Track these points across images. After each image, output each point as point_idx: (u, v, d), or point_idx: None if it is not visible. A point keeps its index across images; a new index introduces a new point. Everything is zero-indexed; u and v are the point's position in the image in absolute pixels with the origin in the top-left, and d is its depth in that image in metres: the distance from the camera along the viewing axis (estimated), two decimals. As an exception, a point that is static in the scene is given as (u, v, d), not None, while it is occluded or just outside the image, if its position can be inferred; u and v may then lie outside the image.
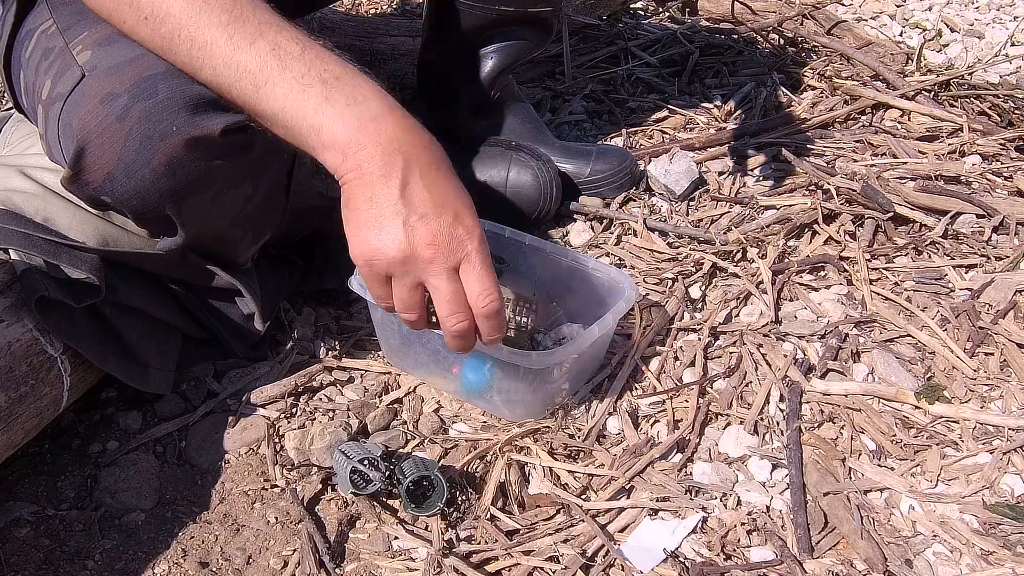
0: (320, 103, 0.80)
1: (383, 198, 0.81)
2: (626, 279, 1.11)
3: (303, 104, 0.80)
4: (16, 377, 0.91)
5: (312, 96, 0.80)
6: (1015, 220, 1.36)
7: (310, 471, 1.02)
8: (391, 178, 0.81)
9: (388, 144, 0.81)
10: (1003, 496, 0.97)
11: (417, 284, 0.84)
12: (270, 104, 0.82)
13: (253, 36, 0.81)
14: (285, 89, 0.81)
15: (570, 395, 1.08)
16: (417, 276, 0.84)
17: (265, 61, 0.81)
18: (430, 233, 0.81)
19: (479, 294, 0.84)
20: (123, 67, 0.88)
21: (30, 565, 0.91)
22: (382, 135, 0.81)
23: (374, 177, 0.81)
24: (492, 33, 1.40)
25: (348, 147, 0.81)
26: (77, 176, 0.90)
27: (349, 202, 0.83)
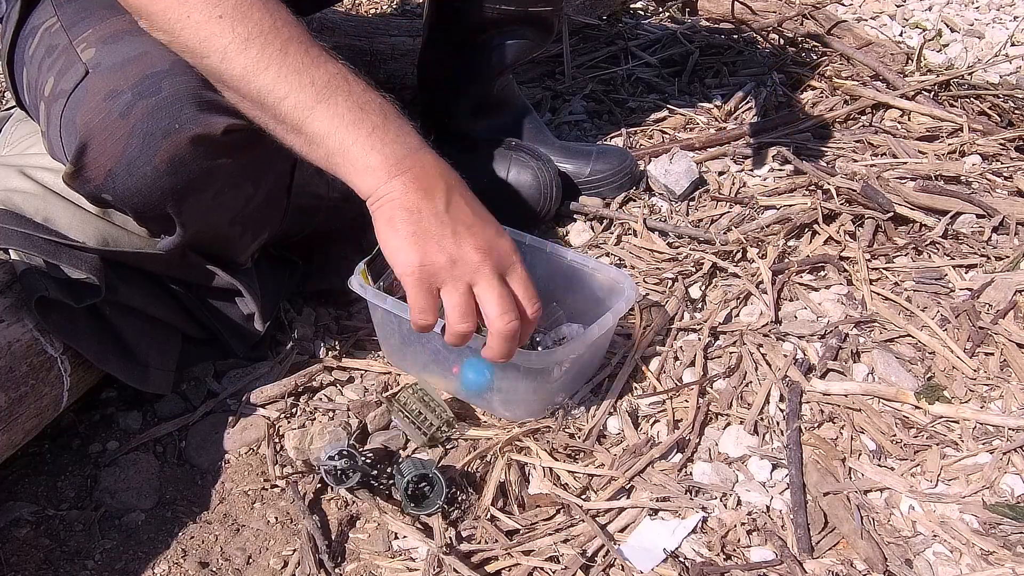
0: (373, 130, 0.84)
1: (429, 212, 0.84)
2: (626, 279, 1.11)
3: (360, 127, 0.84)
4: (16, 377, 0.91)
5: (367, 123, 0.84)
6: (1015, 220, 1.36)
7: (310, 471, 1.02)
8: (435, 195, 0.85)
9: (429, 169, 0.86)
10: (1003, 496, 0.97)
11: (469, 288, 0.86)
12: (324, 122, 0.84)
13: (325, 59, 0.85)
14: (344, 110, 0.84)
15: (569, 395, 1.08)
16: (468, 280, 0.86)
17: (333, 80, 0.85)
18: (479, 240, 0.85)
19: (529, 299, 0.89)
20: (127, 64, 0.89)
21: (30, 565, 0.91)
22: (425, 162, 0.86)
23: (419, 195, 0.84)
24: (492, 33, 1.40)
25: (393, 170, 0.84)
26: (79, 173, 0.90)
27: (392, 219, 0.84)
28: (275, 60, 0.83)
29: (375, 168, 0.84)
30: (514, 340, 0.88)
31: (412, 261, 0.84)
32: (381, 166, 0.84)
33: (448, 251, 0.84)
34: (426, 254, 0.84)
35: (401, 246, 0.84)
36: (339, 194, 1.20)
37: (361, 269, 1.07)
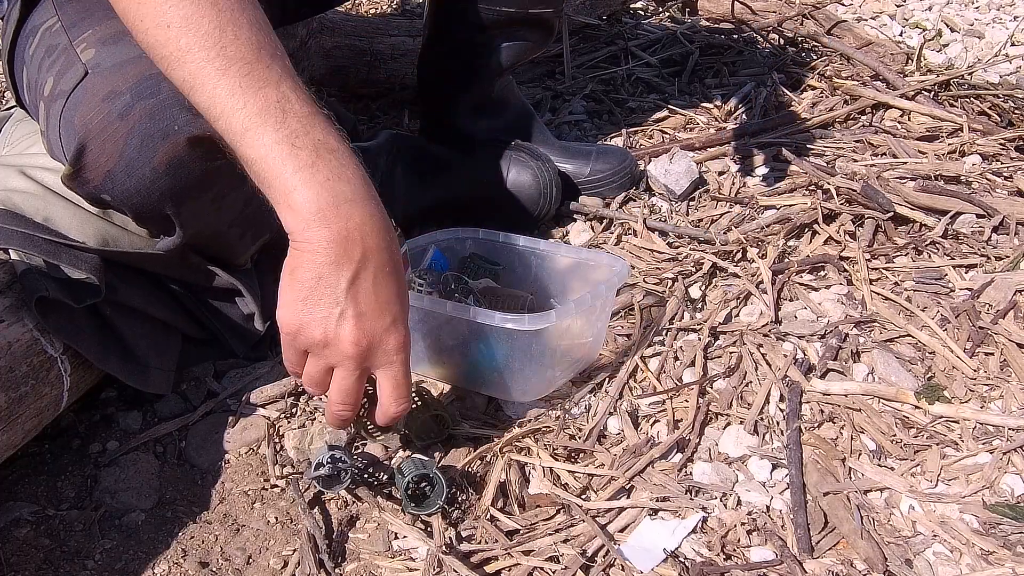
0: (304, 167, 0.79)
1: (330, 283, 0.81)
2: (618, 261, 1.12)
3: (288, 161, 0.78)
4: (16, 377, 0.91)
5: (300, 158, 0.79)
6: (1015, 220, 1.36)
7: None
8: (344, 267, 0.80)
9: (353, 231, 0.80)
10: (1003, 496, 0.97)
11: (329, 368, 0.86)
12: (255, 149, 0.79)
13: (265, 81, 0.79)
14: (275, 139, 0.78)
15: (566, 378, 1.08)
16: (331, 362, 0.85)
17: (268, 107, 0.79)
18: (361, 334, 0.83)
19: (395, 399, 0.88)
20: (126, 65, 0.89)
21: (30, 565, 0.91)
22: (351, 220, 0.80)
23: (329, 259, 0.80)
24: (493, 34, 1.40)
25: (313, 219, 0.79)
26: (78, 174, 0.90)
27: (295, 271, 0.81)
28: (210, 79, 0.78)
29: (295, 209, 0.79)
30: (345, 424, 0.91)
31: (292, 324, 0.83)
32: (301, 209, 0.79)
33: (326, 331, 0.82)
34: (305, 324, 0.82)
35: (288, 305, 0.83)
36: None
37: None
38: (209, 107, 0.79)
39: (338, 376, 0.86)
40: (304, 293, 0.81)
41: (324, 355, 0.84)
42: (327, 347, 0.83)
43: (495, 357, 1.05)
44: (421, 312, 1.05)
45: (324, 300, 0.81)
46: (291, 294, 0.82)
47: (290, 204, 0.79)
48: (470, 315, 1.01)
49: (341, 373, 0.85)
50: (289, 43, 1.53)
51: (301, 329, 0.83)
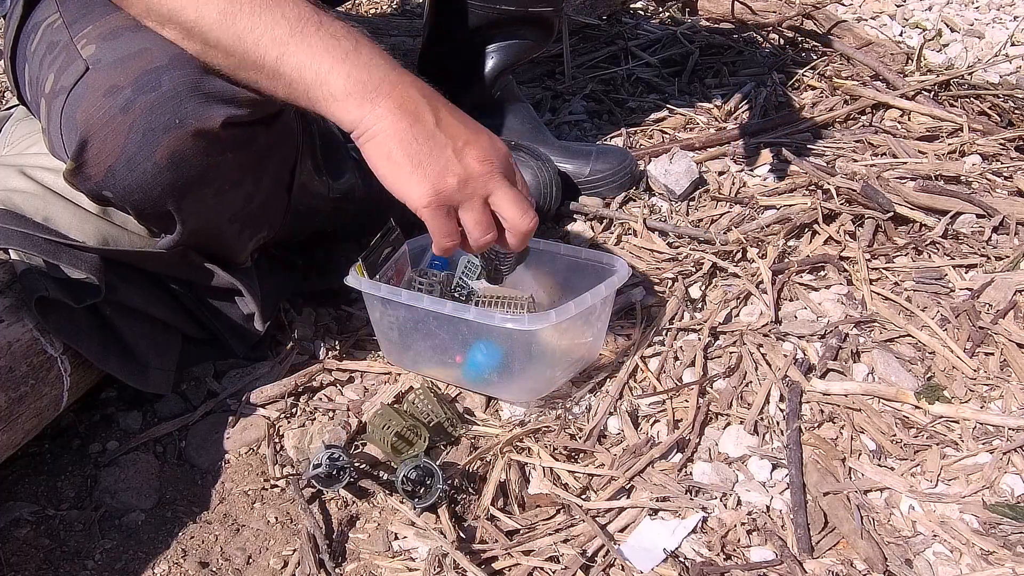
0: (347, 56, 0.84)
1: (423, 137, 0.84)
2: (618, 261, 1.12)
3: (333, 54, 0.83)
4: (16, 377, 0.91)
5: (339, 50, 0.84)
6: (1015, 220, 1.36)
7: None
8: (423, 116, 0.85)
9: (410, 89, 0.86)
10: (1003, 496, 0.97)
11: (484, 202, 0.88)
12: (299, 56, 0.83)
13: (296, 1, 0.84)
14: (316, 40, 0.83)
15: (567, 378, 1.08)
16: (482, 193, 0.87)
17: (303, 13, 0.84)
18: (480, 152, 0.86)
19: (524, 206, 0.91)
20: (127, 60, 0.89)
21: (30, 565, 0.91)
22: (404, 83, 0.86)
23: (407, 120, 0.84)
24: (493, 33, 1.40)
25: (373, 95, 0.84)
26: (79, 169, 0.90)
27: (391, 154, 0.84)
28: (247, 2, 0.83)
29: (355, 95, 0.83)
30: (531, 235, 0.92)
31: (425, 193, 0.85)
32: (361, 93, 0.83)
33: (455, 172, 0.85)
34: (436, 182, 0.84)
35: (408, 180, 0.84)
36: (339, 195, 1.20)
37: (357, 265, 1.08)
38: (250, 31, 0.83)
39: (500, 197, 0.88)
40: (414, 161, 0.84)
41: (471, 193, 0.86)
42: (468, 183, 0.86)
43: (495, 357, 1.05)
44: (421, 312, 1.05)
45: (433, 152, 0.84)
46: (405, 172, 0.84)
47: (348, 93, 0.83)
48: (470, 315, 1.01)
49: (500, 192, 0.87)
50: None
51: (437, 189, 0.84)
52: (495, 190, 0.88)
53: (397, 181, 0.85)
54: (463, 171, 0.86)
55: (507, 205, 0.88)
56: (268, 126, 0.97)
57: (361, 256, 1.08)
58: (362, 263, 1.08)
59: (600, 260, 1.14)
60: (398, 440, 0.99)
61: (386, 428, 0.99)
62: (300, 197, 1.11)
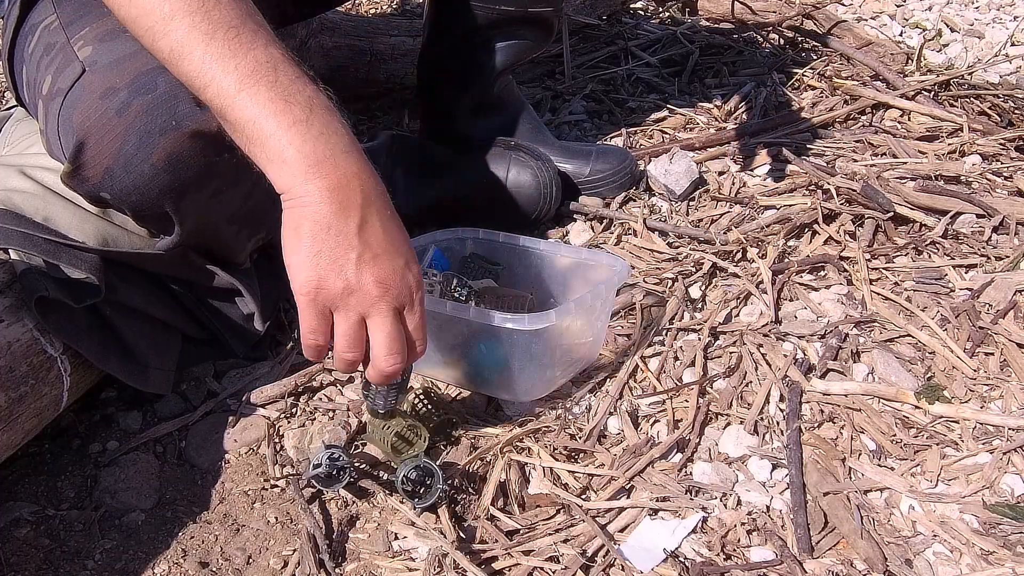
0: (299, 121, 0.78)
1: (339, 231, 0.79)
2: (618, 261, 1.12)
3: (282, 117, 0.78)
4: (16, 377, 0.91)
5: (294, 113, 0.78)
6: (1015, 220, 1.36)
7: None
8: (350, 213, 0.79)
9: (352, 178, 0.80)
10: (1003, 496, 0.97)
11: (361, 320, 0.83)
12: (248, 109, 0.78)
13: (254, 45, 0.79)
14: (269, 96, 0.78)
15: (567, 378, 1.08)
16: (362, 312, 0.82)
17: (258, 69, 0.78)
18: (383, 272, 0.81)
19: (419, 339, 0.86)
20: (123, 62, 0.89)
21: (30, 565, 0.91)
22: (348, 168, 0.80)
23: (332, 209, 0.79)
24: (493, 33, 1.40)
25: (312, 170, 0.78)
26: (77, 171, 0.90)
27: (299, 229, 0.79)
28: (199, 44, 0.77)
29: (291, 164, 0.78)
30: (392, 378, 0.87)
31: (310, 281, 0.80)
32: (298, 163, 0.78)
33: (347, 279, 0.80)
34: (324, 278, 0.80)
35: (302, 263, 0.80)
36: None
37: None
38: (198, 74, 0.78)
39: (378, 325, 0.83)
40: (316, 246, 0.79)
41: (351, 305, 0.81)
42: (352, 295, 0.81)
43: (495, 357, 1.05)
44: None
45: (338, 248, 0.79)
46: (301, 251, 0.79)
47: (285, 159, 0.78)
48: (470, 315, 1.01)
49: (379, 321, 0.82)
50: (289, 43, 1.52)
51: (321, 283, 0.80)
52: (374, 316, 0.82)
53: (292, 257, 0.81)
54: (355, 282, 0.80)
55: (378, 336, 0.83)
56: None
57: None
58: None
59: (600, 260, 1.14)
60: (398, 440, 0.99)
61: (386, 428, 0.99)
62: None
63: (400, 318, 0.84)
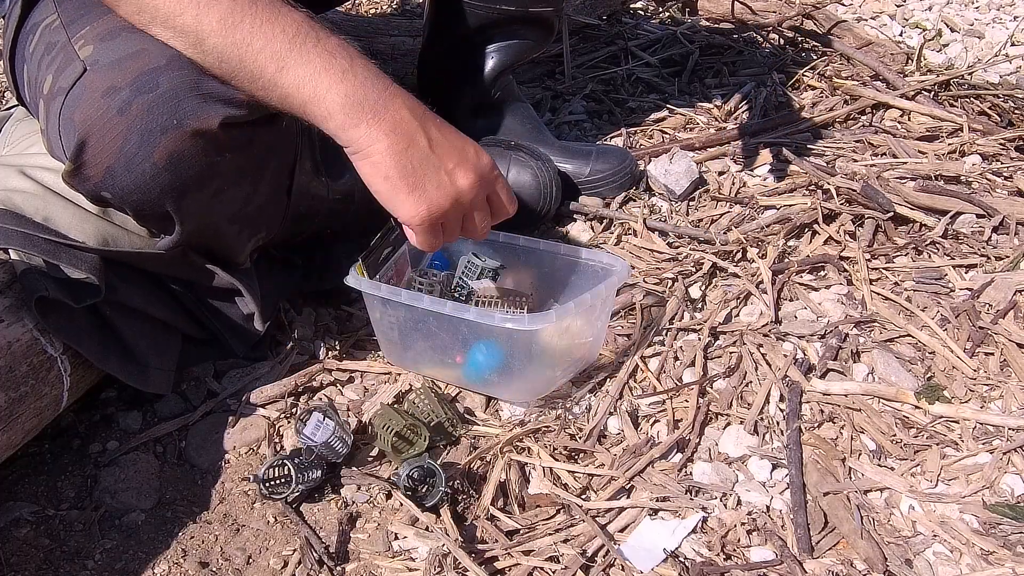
0: (343, 74, 0.86)
1: (417, 158, 0.89)
2: (619, 261, 1.12)
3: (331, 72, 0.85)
4: (16, 377, 0.91)
5: (337, 68, 0.86)
6: (1015, 220, 1.36)
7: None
8: (416, 139, 0.89)
9: (402, 108, 0.89)
10: (1003, 496, 0.97)
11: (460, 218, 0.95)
12: (297, 71, 0.85)
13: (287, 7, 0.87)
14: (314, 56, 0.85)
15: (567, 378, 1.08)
16: (467, 210, 0.94)
17: (301, 28, 0.86)
18: (469, 171, 0.92)
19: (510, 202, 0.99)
20: (125, 61, 0.89)
21: (30, 565, 0.91)
22: (398, 102, 0.89)
23: (403, 141, 0.88)
24: (493, 33, 1.40)
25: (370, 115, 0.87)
26: (78, 170, 0.90)
27: (387, 174, 0.88)
28: (248, 11, 0.84)
29: (352, 115, 0.86)
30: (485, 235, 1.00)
31: (422, 212, 0.90)
32: (357, 113, 0.86)
33: (448, 193, 0.91)
34: (431, 201, 0.90)
35: (406, 200, 0.89)
36: (339, 196, 1.20)
37: (357, 265, 1.08)
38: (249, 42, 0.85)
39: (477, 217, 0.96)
40: (410, 182, 0.89)
41: (457, 211, 0.93)
42: (457, 204, 0.92)
43: (495, 357, 1.05)
44: (421, 312, 1.05)
45: (427, 175, 0.89)
46: (402, 192, 0.89)
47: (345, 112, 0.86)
48: (470, 315, 1.01)
49: (478, 215, 0.96)
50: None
51: (431, 209, 0.90)
52: (476, 211, 0.95)
53: (394, 200, 0.90)
54: (455, 191, 0.91)
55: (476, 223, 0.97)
56: (267, 126, 0.97)
57: (361, 256, 1.08)
58: (362, 263, 1.08)
59: (600, 260, 1.14)
60: (398, 440, 0.99)
61: (386, 428, 0.99)
62: (299, 198, 1.11)
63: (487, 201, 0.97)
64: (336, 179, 1.20)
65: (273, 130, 0.98)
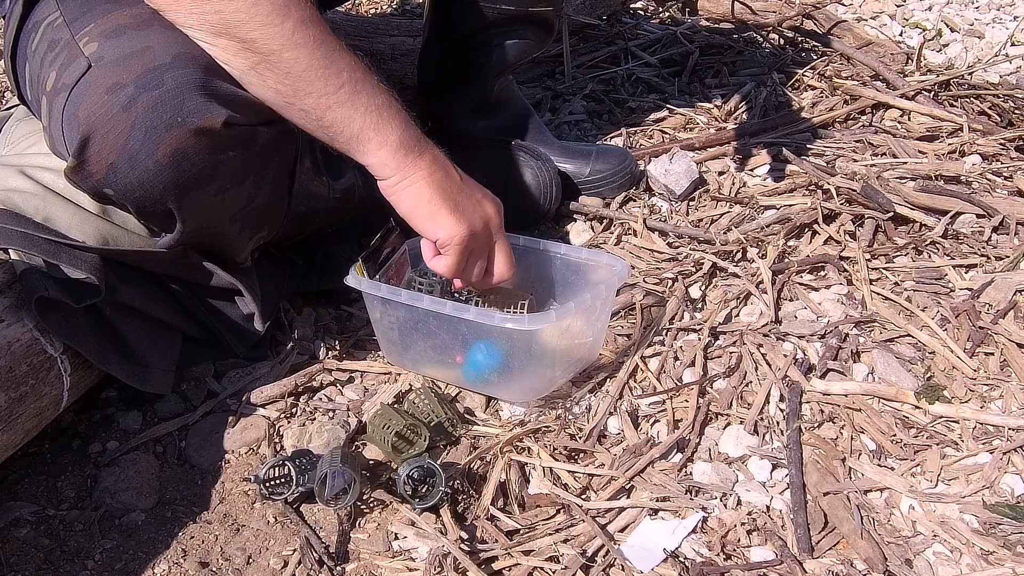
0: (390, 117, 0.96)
1: (455, 188, 1.00)
2: (618, 261, 1.12)
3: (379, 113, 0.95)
4: (16, 377, 0.91)
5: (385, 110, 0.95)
6: (1015, 220, 1.36)
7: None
8: (450, 172, 1.01)
9: (436, 148, 1.00)
10: (1003, 496, 0.97)
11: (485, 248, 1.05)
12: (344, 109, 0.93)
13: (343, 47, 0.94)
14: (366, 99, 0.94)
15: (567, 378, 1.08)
16: (490, 240, 1.05)
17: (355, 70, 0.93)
18: (493, 203, 1.05)
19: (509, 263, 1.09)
20: (130, 58, 0.89)
21: (30, 565, 0.91)
22: (430, 147, 1.00)
23: (442, 174, 0.99)
24: (493, 32, 1.40)
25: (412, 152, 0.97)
26: (81, 167, 0.90)
27: (430, 199, 0.98)
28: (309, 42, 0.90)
29: (402, 149, 0.96)
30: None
31: (461, 232, 0.99)
32: (407, 147, 0.96)
33: (482, 216, 1.02)
34: (470, 224, 1.00)
35: (448, 220, 0.99)
36: (340, 195, 1.20)
37: (358, 265, 1.08)
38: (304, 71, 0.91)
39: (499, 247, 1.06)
40: (449, 205, 0.99)
41: (483, 237, 1.03)
42: (488, 227, 1.03)
43: (495, 357, 1.05)
44: (421, 312, 1.05)
45: (463, 200, 1.01)
46: (442, 215, 0.99)
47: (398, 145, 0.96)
48: (470, 315, 1.01)
49: (500, 244, 1.06)
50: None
51: (470, 230, 1.00)
52: (499, 240, 1.06)
53: (436, 219, 0.98)
54: (486, 216, 1.02)
55: (502, 254, 1.07)
56: (269, 126, 0.97)
57: (361, 256, 1.08)
58: (362, 263, 1.08)
59: (600, 260, 1.14)
60: (398, 440, 0.99)
61: (386, 428, 0.99)
62: (300, 197, 1.11)
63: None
64: (336, 178, 1.20)
65: (275, 129, 0.98)
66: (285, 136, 1.02)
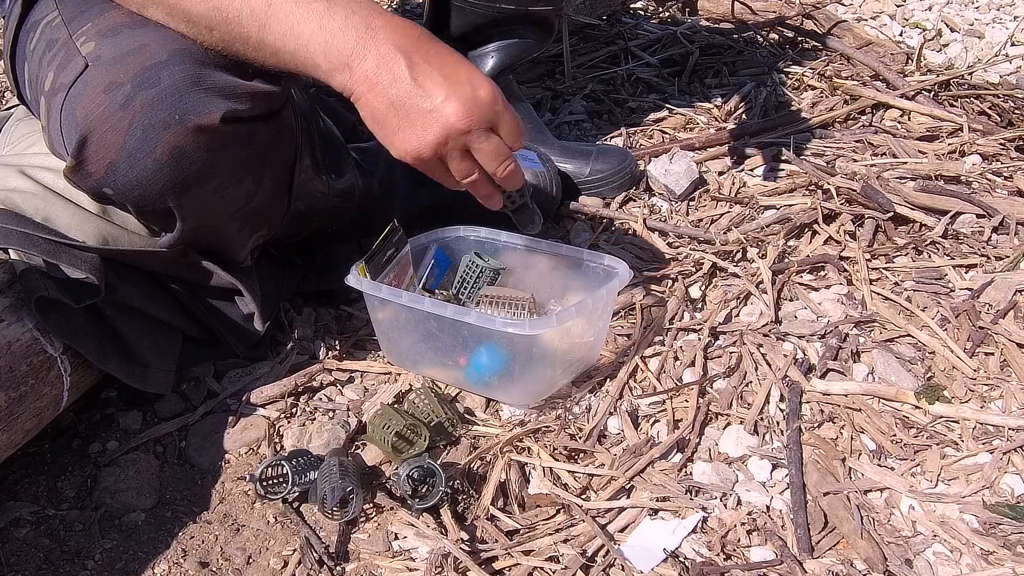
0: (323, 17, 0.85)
1: (403, 96, 0.87)
2: (620, 263, 1.12)
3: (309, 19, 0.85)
4: (16, 377, 0.91)
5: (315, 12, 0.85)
6: (1015, 220, 1.36)
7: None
8: (401, 77, 0.86)
9: (385, 44, 0.86)
10: (1003, 496, 0.97)
11: (465, 152, 0.92)
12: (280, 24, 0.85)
13: None
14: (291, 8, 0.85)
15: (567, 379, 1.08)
16: (462, 145, 0.91)
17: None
18: (458, 107, 0.87)
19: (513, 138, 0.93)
20: (126, 57, 0.89)
21: (30, 565, 0.91)
22: (379, 39, 0.86)
23: (386, 83, 0.86)
24: (492, 32, 1.40)
25: (352, 60, 0.86)
26: (80, 166, 0.90)
27: (374, 114, 0.88)
28: None
29: (336, 64, 0.86)
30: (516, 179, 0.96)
31: (408, 150, 0.90)
32: (340, 60, 0.86)
33: (435, 129, 0.88)
34: (420, 138, 0.88)
35: (395, 138, 0.89)
36: (340, 194, 1.20)
37: (359, 265, 1.08)
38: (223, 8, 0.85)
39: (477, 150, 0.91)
40: (395, 122, 0.88)
41: (453, 146, 0.90)
42: (448, 139, 0.89)
43: (496, 360, 1.05)
44: (422, 314, 1.05)
45: (412, 112, 0.87)
46: (391, 130, 0.89)
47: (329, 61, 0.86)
48: (471, 318, 1.01)
49: (477, 146, 0.91)
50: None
51: (420, 147, 0.89)
52: (473, 145, 0.91)
53: (385, 139, 0.90)
54: (443, 130, 0.88)
55: (484, 159, 0.93)
56: (268, 122, 0.97)
57: (364, 257, 1.08)
58: (365, 264, 1.08)
59: (601, 261, 1.14)
60: (398, 440, 0.99)
61: (386, 428, 0.99)
62: (300, 196, 1.11)
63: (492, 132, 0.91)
64: (337, 177, 1.20)
65: (274, 126, 0.98)
66: (284, 133, 1.02)
